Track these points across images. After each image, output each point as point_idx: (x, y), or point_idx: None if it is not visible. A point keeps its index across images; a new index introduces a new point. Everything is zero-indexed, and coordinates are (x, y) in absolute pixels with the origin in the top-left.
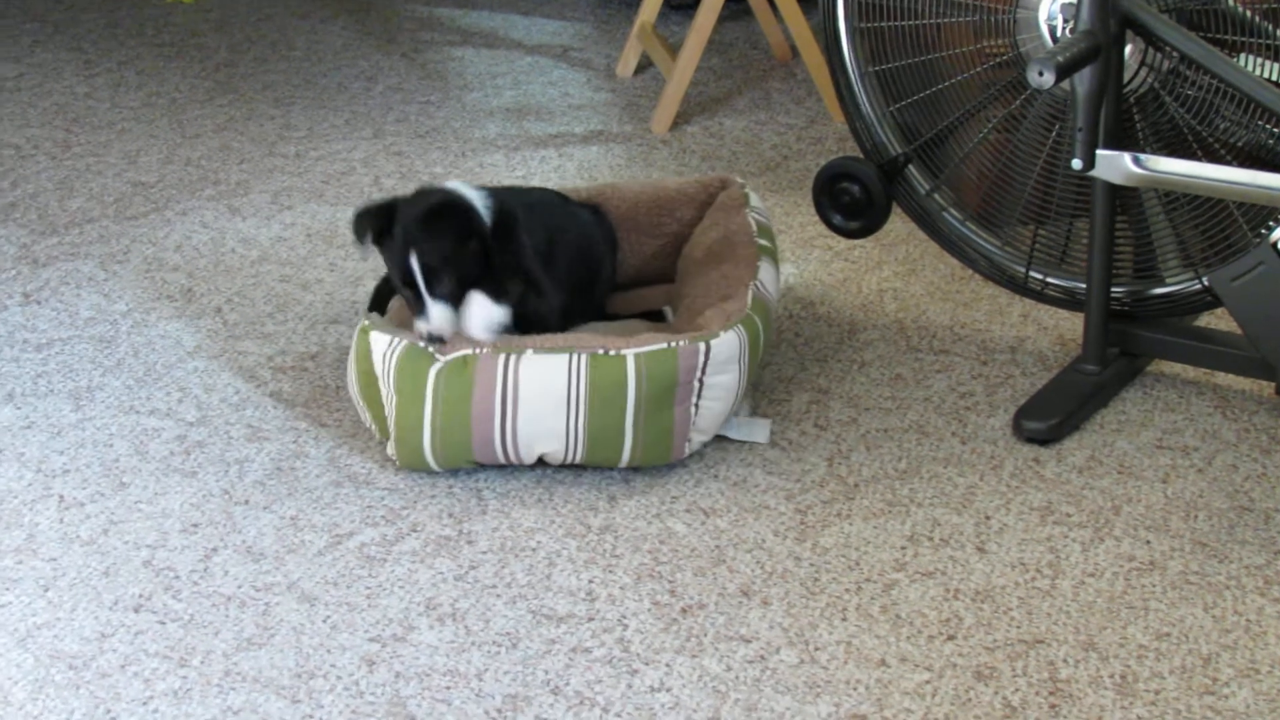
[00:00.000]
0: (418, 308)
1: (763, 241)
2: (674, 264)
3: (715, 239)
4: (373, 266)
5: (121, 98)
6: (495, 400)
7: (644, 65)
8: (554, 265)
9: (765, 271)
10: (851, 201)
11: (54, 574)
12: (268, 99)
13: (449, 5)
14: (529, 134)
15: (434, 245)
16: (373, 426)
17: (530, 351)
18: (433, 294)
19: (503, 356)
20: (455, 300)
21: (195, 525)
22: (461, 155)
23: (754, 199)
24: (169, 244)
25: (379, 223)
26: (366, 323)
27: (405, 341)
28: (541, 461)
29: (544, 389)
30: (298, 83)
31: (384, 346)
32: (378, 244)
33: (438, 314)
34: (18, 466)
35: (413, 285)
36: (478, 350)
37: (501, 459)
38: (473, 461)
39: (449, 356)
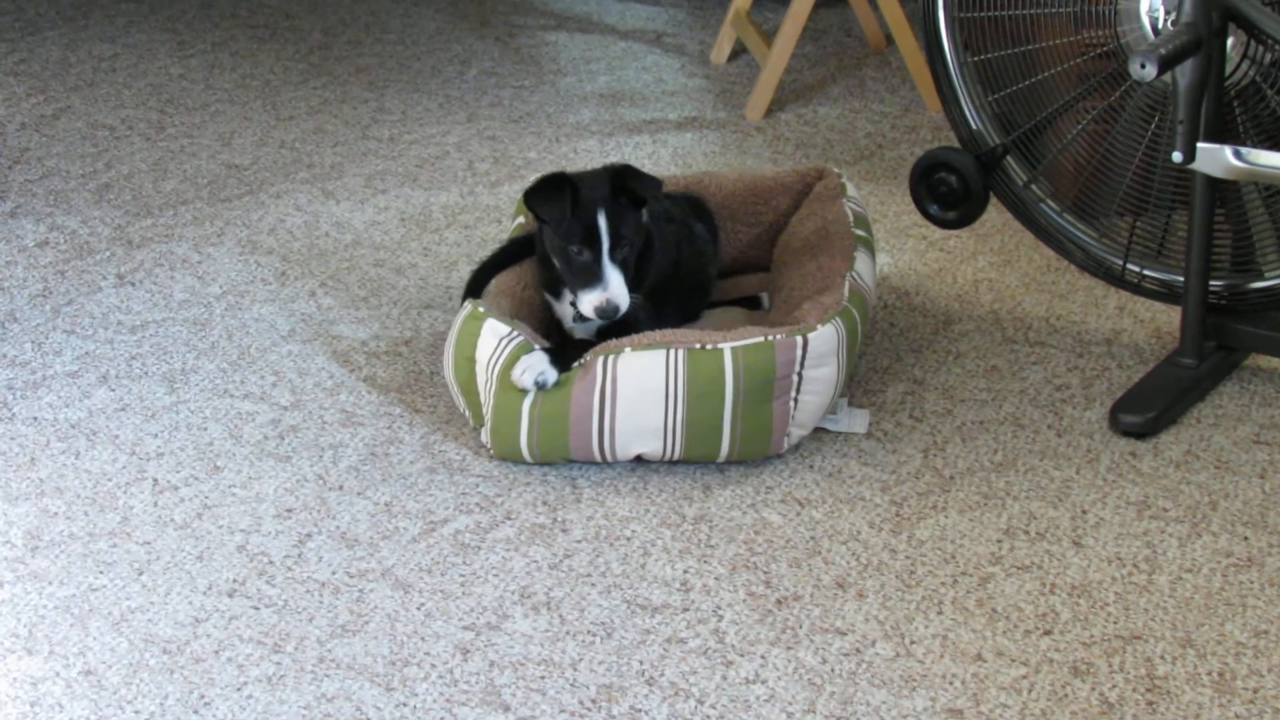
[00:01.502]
0: (590, 278)
1: (859, 232)
2: (770, 252)
3: (812, 229)
4: (467, 251)
5: (216, 79)
6: (594, 399)
7: (738, 52)
8: (666, 293)
9: (862, 263)
10: (949, 192)
11: (148, 558)
12: (361, 82)
13: None
14: (623, 120)
15: (623, 209)
16: (467, 413)
17: (629, 350)
18: (612, 258)
19: (602, 358)
20: (625, 273)
21: (289, 510)
22: (555, 140)
23: (850, 188)
24: (263, 227)
25: (564, 192)
26: (480, 309)
27: (522, 337)
28: (639, 459)
29: (642, 386)
30: (392, 66)
31: (501, 334)
32: (550, 216)
33: (616, 280)
34: (112, 449)
35: (595, 247)
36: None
37: (598, 458)
38: (568, 458)
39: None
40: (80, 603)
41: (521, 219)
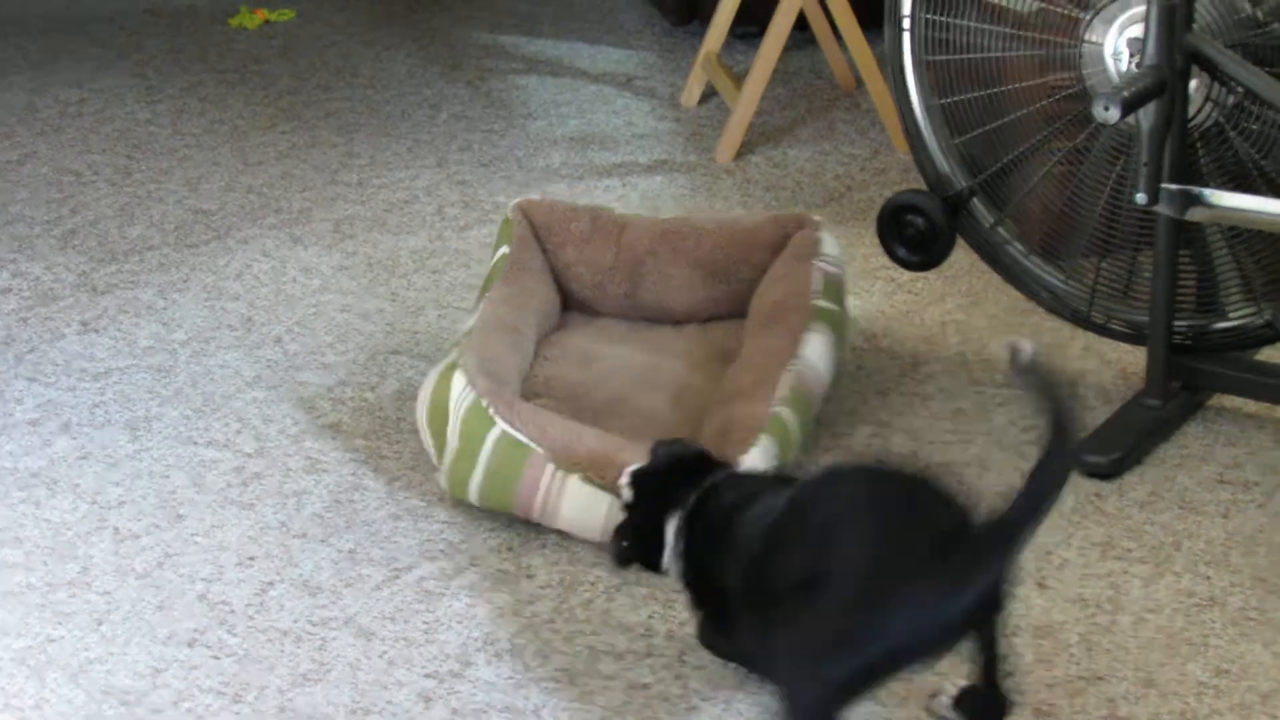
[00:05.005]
0: None
1: (823, 303)
2: (748, 304)
3: (773, 299)
4: (435, 296)
5: (183, 124)
6: (537, 500)
7: (708, 95)
8: None
9: (813, 345)
10: (915, 234)
11: (108, 608)
12: (330, 126)
13: (514, 33)
14: (593, 163)
15: None
16: (432, 450)
17: (577, 479)
18: None
19: (551, 466)
20: None
21: (251, 558)
22: (525, 185)
23: (828, 242)
24: (229, 272)
25: None
26: (456, 361)
27: (474, 396)
28: None
29: (582, 519)
30: (361, 110)
31: (459, 389)
32: None
33: None
34: (73, 498)
35: None
36: (530, 442)
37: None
38: (510, 511)
39: (507, 427)
40: (37, 654)
41: (505, 249)
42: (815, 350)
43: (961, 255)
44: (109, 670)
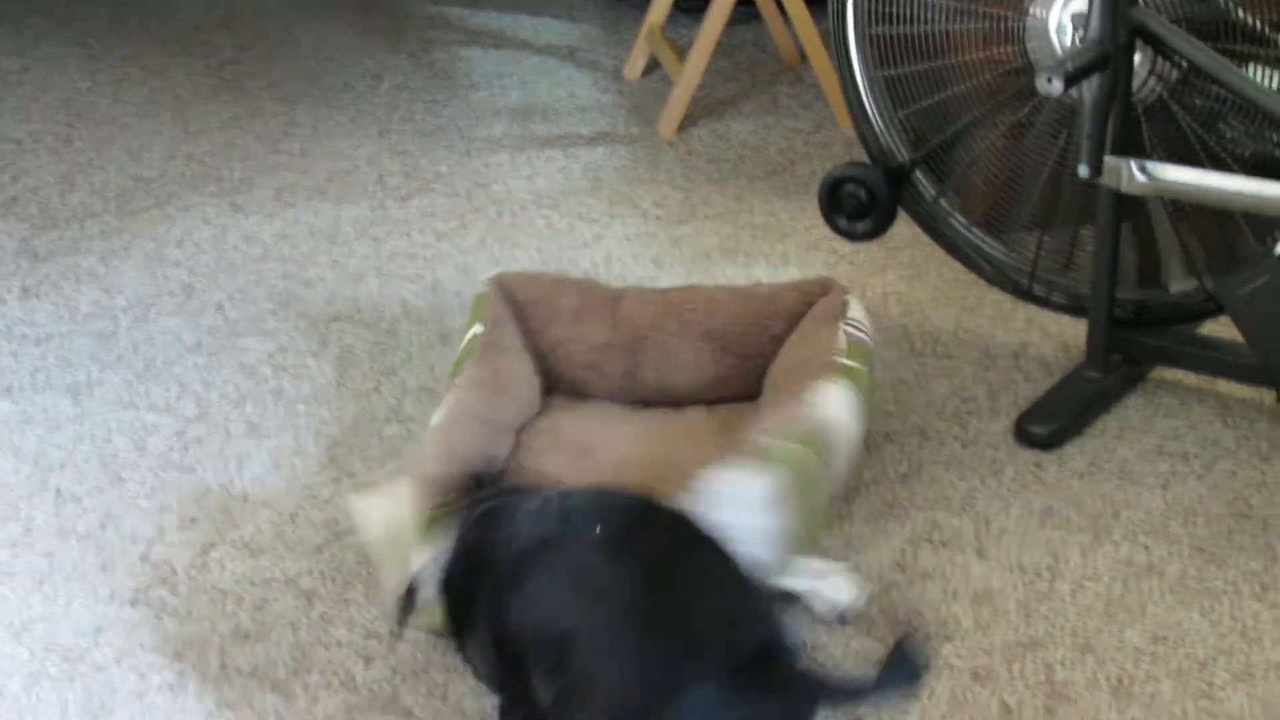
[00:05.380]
0: None
1: (847, 361)
2: (760, 384)
3: (792, 363)
4: (376, 264)
5: (125, 93)
6: None
7: (651, 67)
8: None
9: (833, 395)
10: (857, 205)
11: (49, 568)
12: (273, 96)
13: (457, 4)
14: (535, 134)
15: None
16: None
17: None
18: None
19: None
20: None
21: (193, 520)
22: (467, 155)
23: (854, 307)
24: (170, 239)
25: None
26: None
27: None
28: None
29: None
30: (304, 81)
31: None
32: None
33: None
34: (14, 460)
35: None
36: None
37: None
38: None
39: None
40: None
41: (478, 328)
42: (835, 400)
43: (903, 228)
44: (51, 629)
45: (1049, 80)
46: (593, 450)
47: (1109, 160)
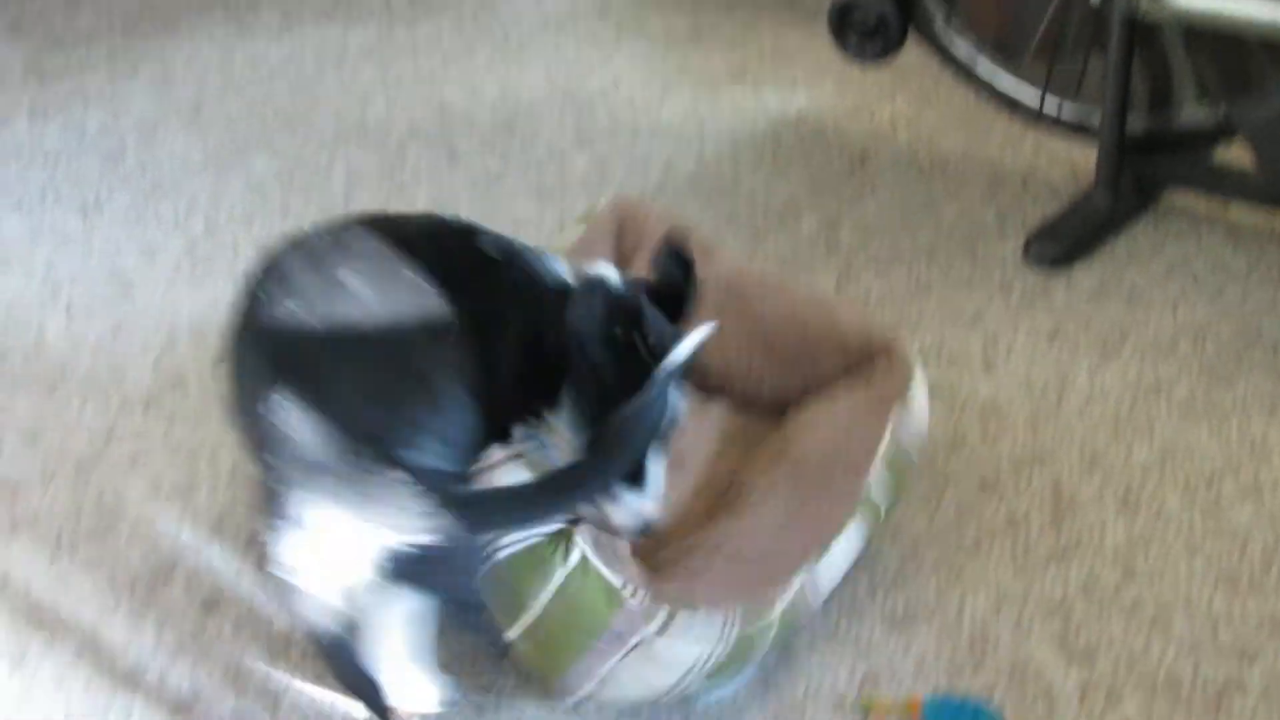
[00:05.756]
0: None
1: (873, 499)
2: (787, 400)
3: (826, 438)
4: (382, 87)
5: None
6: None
7: None
8: None
9: (841, 547)
10: (867, 27)
11: (61, 375)
12: None
13: None
14: None
15: None
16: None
17: None
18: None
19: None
20: None
21: (202, 332)
22: None
23: (918, 387)
24: (177, 61)
25: None
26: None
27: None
28: None
29: None
30: None
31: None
32: None
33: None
34: (25, 275)
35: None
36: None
37: None
38: None
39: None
40: None
41: (583, 228)
42: (839, 550)
43: (913, 53)
44: (63, 436)
45: None
46: None
47: None
